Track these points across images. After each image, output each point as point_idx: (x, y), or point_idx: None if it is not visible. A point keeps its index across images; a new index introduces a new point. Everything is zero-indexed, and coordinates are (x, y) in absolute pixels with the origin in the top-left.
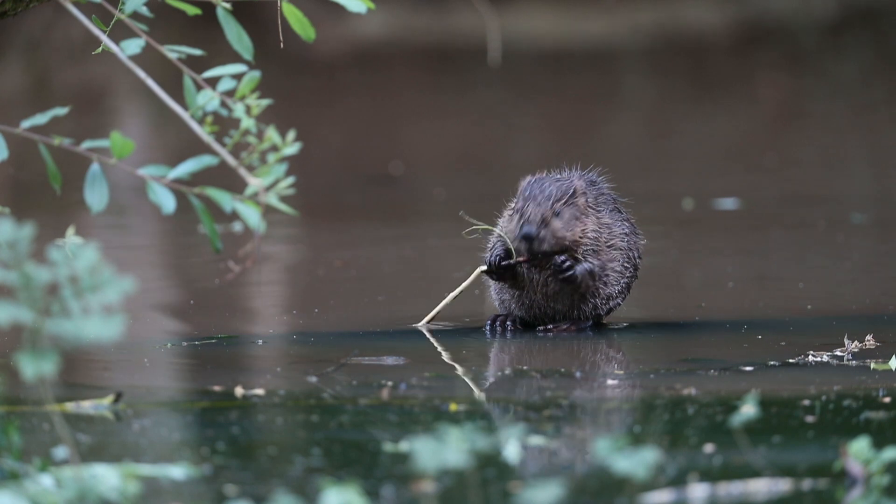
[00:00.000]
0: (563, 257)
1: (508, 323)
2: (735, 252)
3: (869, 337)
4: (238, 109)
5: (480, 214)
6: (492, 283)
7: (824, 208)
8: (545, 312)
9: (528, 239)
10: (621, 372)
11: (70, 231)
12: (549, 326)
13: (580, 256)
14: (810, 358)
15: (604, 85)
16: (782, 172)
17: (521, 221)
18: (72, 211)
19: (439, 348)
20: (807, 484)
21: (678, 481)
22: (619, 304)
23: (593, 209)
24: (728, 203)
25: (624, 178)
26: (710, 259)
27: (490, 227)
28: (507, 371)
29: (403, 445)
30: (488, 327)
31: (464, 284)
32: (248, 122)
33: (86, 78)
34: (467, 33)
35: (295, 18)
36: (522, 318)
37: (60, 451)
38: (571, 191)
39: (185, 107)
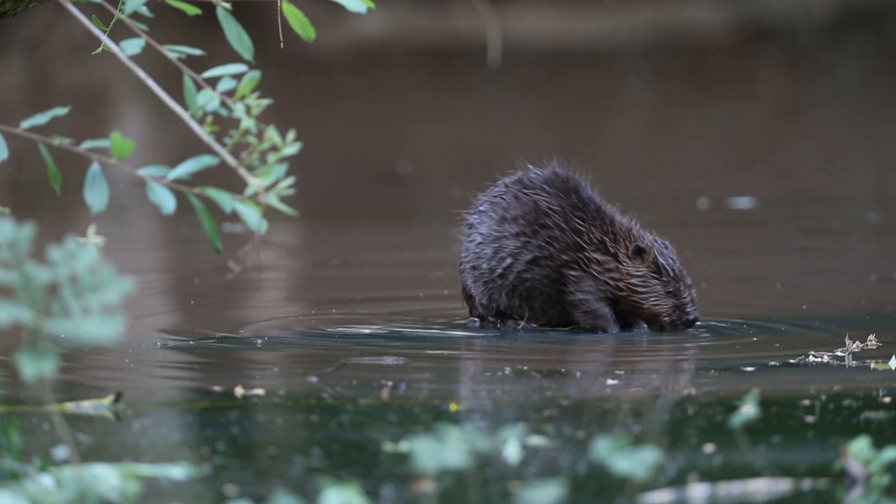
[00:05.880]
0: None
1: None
2: (736, 252)
3: (871, 337)
4: (238, 109)
5: None
6: (476, 292)
7: (825, 208)
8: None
9: (693, 323)
10: (621, 372)
11: (91, 230)
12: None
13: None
14: (810, 358)
15: (604, 85)
16: (783, 172)
17: (688, 308)
18: (72, 211)
19: (439, 348)
20: (807, 484)
21: (678, 481)
22: None
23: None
24: (742, 202)
25: (624, 178)
26: (711, 259)
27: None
28: (507, 371)
29: (403, 445)
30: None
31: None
32: (248, 122)
33: (86, 78)
34: (467, 33)
35: (295, 18)
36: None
37: (60, 451)
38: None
39: (185, 107)
